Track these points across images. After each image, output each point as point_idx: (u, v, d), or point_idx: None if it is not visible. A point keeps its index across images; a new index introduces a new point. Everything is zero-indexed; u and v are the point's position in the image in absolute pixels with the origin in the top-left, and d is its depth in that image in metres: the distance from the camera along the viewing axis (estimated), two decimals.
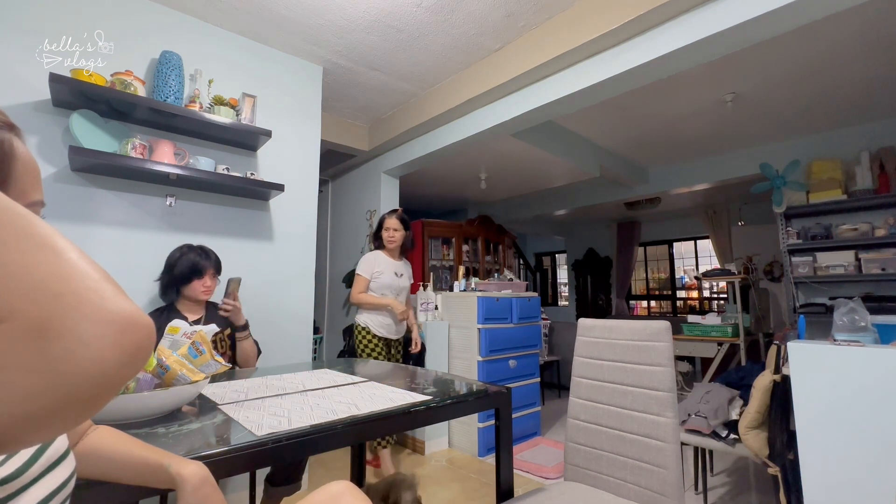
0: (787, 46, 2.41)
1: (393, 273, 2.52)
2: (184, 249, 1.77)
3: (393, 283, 2.50)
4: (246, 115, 2.10)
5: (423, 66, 2.60)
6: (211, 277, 1.77)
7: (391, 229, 2.51)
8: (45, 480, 0.47)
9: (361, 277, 2.46)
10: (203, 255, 1.77)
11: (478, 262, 5.15)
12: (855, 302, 1.61)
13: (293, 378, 1.39)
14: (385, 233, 2.53)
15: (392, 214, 2.55)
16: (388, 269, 2.50)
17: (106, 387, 0.29)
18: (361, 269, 2.48)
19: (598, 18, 1.98)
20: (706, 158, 4.32)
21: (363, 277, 2.47)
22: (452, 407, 1.13)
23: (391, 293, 2.51)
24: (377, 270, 2.48)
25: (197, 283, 1.72)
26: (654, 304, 7.37)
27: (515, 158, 3.94)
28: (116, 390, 0.31)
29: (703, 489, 2.04)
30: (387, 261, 2.52)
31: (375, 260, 2.50)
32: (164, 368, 0.98)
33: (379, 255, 2.54)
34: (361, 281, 2.47)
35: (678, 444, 1.13)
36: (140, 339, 0.31)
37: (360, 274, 2.47)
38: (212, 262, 1.79)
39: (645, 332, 1.23)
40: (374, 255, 2.54)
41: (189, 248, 1.78)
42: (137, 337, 0.30)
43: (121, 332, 0.29)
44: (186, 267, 1.72)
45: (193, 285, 1.72)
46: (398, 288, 2.53)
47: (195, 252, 1.76)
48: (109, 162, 1.69)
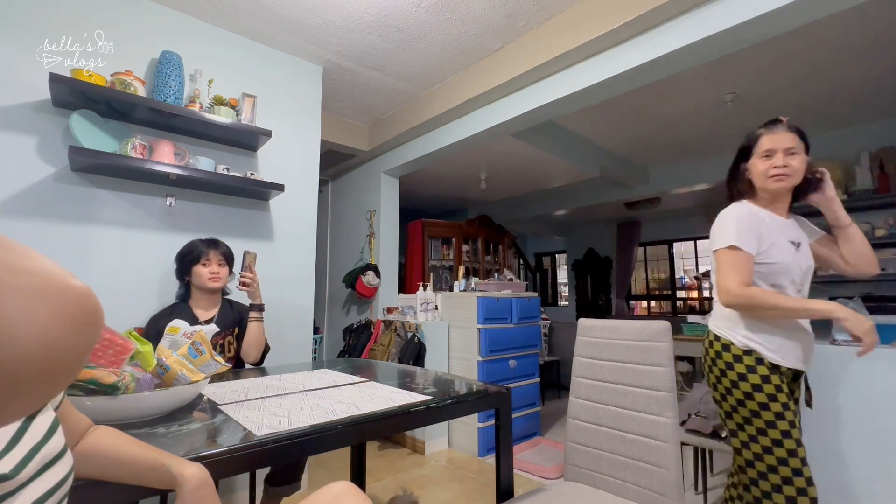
0: (787, 46, 2.41)
1: (788, 242, 1.31)
2: (192, 241, 1.77)
3: (792, 262, 1.29)
4: (246, 115, 2.10)
5: (423, 66, 2.60)
6: (219, 264, 1.72)
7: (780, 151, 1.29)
8: (40, 480, 0.47)
9: (740, 253, 1.25)
10: (208, 242, 1.75)
11: (478, 262, 5.15)
12: (855, 302, 1.61)
13: (293, 378, 1.39)
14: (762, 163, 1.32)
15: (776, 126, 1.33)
16: (780, 234, 1.31)
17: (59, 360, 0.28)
18: (737, 236, 1.26)
19: (597, 18, 1.98)
20: (706, 158, 4.32)
21: (744, 253, 1.25)
22: (452, 407, 1.13)
23: (791, 285, 1.30)
24: (765, 238, 1.29)
25: (202, 269, 1.69)
26: (654, 304, 7.37)
27: (515, 158, 3.94)
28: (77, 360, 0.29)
29: (703, 489, 2.04)
30: (772, 219, 1.33)
31: (755, 218, 1.31)
32: (164, 368, 0.98)
33: (755, 210, 1.34)
34: (741, 259, 1.25)
35: (678, 444, 1.13)
36: (79, 306, 0.29)
37: (739, 246, 1.25)
38: (218, 249, 1.75)
39: (645, 332, 1.23)
40: (745, 208, 1.34)
41: (198, 239, 1.78)
42: (75, 304, 0.28)
43: (55, 304, 0.27)
44: (188, 251, 1.71)
45: (199, 272, 1.69)
46: (802, 272, 1.31)
47: (201, 240, 1.76)
48: (109, 162, 1.69)
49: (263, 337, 1.74)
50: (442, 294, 3.13)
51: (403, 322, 3.03)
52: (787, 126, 1.33)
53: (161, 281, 1.93)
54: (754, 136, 1.39)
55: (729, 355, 1.31)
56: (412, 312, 3.09)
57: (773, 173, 1.30)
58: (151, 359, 0.98)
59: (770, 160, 1.31)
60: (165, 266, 1.93)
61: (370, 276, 3.34)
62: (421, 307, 3.02)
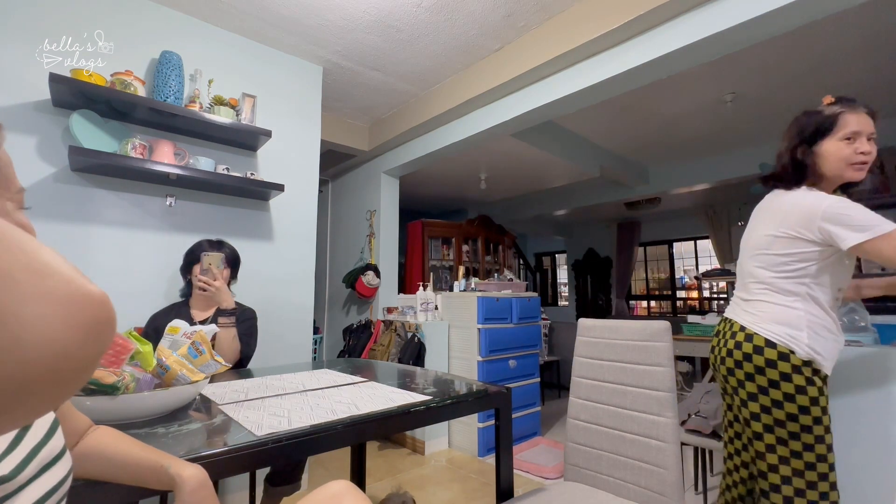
0: (787, 46, 2.41)
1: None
2: (201, 241, 1.76)
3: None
4: (246, 115, 2.10)
5: (423, 66, 2.60)
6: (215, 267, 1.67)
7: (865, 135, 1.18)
8: (40, 481, 0.47)
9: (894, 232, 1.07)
10: (210, 243, 1.74)
11: (478, 262, 5.15)
12: (855, 302, 1.60)
13: (293, 378, 1.39)
14: (846, 147, 1.18)
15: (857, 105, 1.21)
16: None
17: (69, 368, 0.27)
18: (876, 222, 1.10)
19: (597, 19, 1.98)
20: (706, 158, 4.32)
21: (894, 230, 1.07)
22: (452, 407, 1.13)
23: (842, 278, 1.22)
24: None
25: (196, 269, 1.68)
26: (654, 305, 7.37)
27: (515, 158, 3.94)
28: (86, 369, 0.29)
29: (703, 489, 2.04)
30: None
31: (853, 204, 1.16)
32: (164, 368, 0.98)
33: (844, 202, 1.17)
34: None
35: (678, 444, 1.13)
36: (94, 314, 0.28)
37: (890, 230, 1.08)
38: (221, 250, 1.73)
39: (645, 332, 1.23)
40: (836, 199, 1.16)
41: (207, 239, 1.77)
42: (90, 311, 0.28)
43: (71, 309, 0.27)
44: (191, 250, 1.71)
45: (195, 272, 1.67)
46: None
47: (209, 241, 1.75)
48: (109, 162, 1.69)
49: (236, 344, 1.61)
50: (442, 294, 3.13)
51: (403, 322, 3.03)
52: (866, 108, 1.18)
53: (161, 281, 1.93)
54: (832, 115, 1.17)
55: (787, 365, 1.15)
56: (412, 312, 3.09)
57: (858, 160, 1.14)
58: (151, 359, 0.98)
59: (853, 144, 1.15)
60: (165, 266, 1.93)
61: (370, 276, 3.34)
62: (421, 307, 3.02)
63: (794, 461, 1.14)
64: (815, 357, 1.15)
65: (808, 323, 1.16)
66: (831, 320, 1.19)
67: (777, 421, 1.16)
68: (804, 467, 1.13)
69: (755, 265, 1.27)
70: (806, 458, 1.14)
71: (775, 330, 1.18)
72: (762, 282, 1.24)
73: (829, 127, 1.18)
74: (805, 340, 1.15)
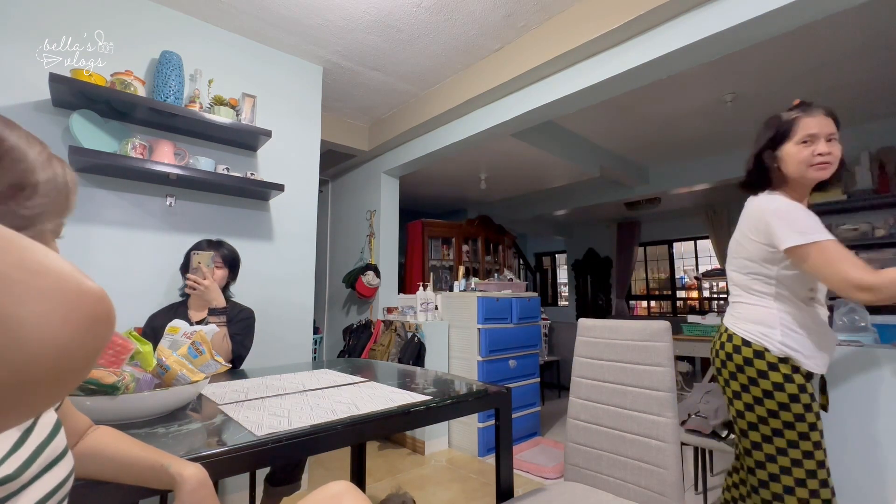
0: (787, 46, 2.41)
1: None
2: (201, 241, 1.76)
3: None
4: (246, 115, 2.10)
5: (423, 66, 2.60)
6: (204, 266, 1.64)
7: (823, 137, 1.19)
8: (43, 480, 0.47)
9: (831, 241, 1.09)
10: (210, 243, 1.73)
11: (478, 262, 5.15)
12: (855, 302, 1.60)
13: (293, 378, 1.39)
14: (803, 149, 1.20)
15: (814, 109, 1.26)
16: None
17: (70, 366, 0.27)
18: (817, 226, 1.11)
19: (597, 19, 1.98)
20: (706, 158, 4.32)
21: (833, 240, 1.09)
22: (452, 407, 1.13)
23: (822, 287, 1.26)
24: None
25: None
26: (654, 305, 7.37)
27: (515, 158, 3.94)
28: (86, 365, 0.29)
29: (703, 489, 2.04)
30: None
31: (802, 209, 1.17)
32: (164, 368, 0.98)
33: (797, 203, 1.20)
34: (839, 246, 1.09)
35: (678, 444, 1.13)
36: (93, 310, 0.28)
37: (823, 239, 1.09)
38: (219, 251, 1.72)
39: (645, 332, 1.23)
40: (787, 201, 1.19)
41: (206, 239, 1.77)
42: (88, 308, 0.28)
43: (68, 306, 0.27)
44: (191, 250, 1.70)
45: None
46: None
47: (209, 241, 1.75)
48: (109, 162, 1.69)
49: (226, 343, 1.59)
50: (442, 294, 3.13)
51: (403, 322, 3.03)
52: (824, 110, 1.23)
53: (160, 281, 1.93)
54: (789, 120, 1.24)
55: (762, 363, 1.17)
56: (412, 312, 3.09)
57: (818, 161, 1.17)
58: (151, 359, 0.98)
59: (811, 146, 1.19)
60: (165, 266, 1.93)
61: (370, 276, 3.34)
62: (421, 307, 3.02)
63: (781, 458, 1.16)
64: (791, 354, 1.16)
65: (782, 321, 1.18)
66: (810, 318, 1.19)
67: (760, 418, 1.20)
68: (790, 464, 1.15)
69: (731, 269, 1.33)
70: (791, 454, 1.15)
71: (749, 329, 1.22)
72: (738, 284, 1.30)
73: (787, 131, 1.24)
74: (778, 338, 1.17)
